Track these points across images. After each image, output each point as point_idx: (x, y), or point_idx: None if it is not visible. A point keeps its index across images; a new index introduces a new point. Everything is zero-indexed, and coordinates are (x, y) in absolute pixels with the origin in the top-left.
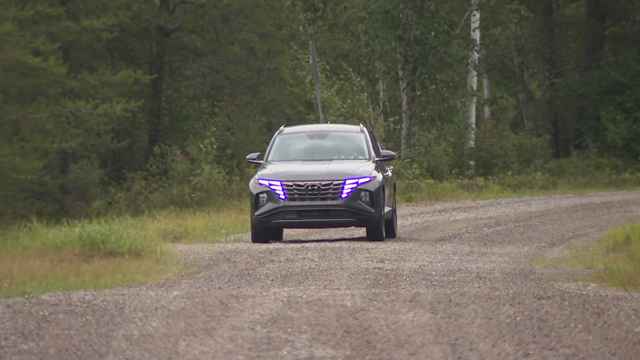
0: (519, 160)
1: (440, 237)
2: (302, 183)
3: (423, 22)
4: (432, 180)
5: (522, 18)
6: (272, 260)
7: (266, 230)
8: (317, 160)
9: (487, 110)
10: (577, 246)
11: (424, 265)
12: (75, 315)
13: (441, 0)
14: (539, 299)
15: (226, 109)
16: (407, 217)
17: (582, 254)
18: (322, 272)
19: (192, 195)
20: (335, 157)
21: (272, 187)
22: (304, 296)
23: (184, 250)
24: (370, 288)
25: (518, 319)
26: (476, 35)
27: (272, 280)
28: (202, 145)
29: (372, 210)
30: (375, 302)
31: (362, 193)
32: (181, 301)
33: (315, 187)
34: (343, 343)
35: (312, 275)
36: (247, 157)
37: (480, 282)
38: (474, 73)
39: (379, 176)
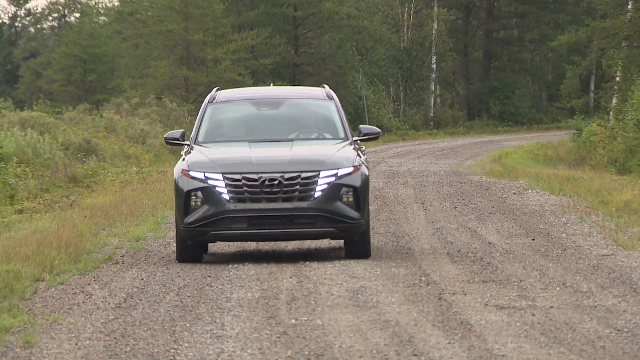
0: (453, 122)
1: (417, 155)
2: (255, 176)
3: (413, 61)
4: (414, 131)
5: (454, 58)
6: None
7: (199, 245)
8: (272, 141)
9: (439, 100)
10: (477, 159)
11: (410, 168)
12: None
13: (419, 51)
14: (460, 183)
15: None
16: (402, 146)
17: (479, 163)
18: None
19: None
20: (296, 136)
21: (210, 182)
22: None
23: None
24: (386, 178)
25: (451, 192)
26: (434, 66)
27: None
28: None
29: (357, 215)
30: (388, 185)
31: (344, 190)
32: None
33: (276, 182)
34: (375, 202)
35: None
36: (165, 135)
37: (434, 176)
38: (433, 84)
39: (364, 165)
